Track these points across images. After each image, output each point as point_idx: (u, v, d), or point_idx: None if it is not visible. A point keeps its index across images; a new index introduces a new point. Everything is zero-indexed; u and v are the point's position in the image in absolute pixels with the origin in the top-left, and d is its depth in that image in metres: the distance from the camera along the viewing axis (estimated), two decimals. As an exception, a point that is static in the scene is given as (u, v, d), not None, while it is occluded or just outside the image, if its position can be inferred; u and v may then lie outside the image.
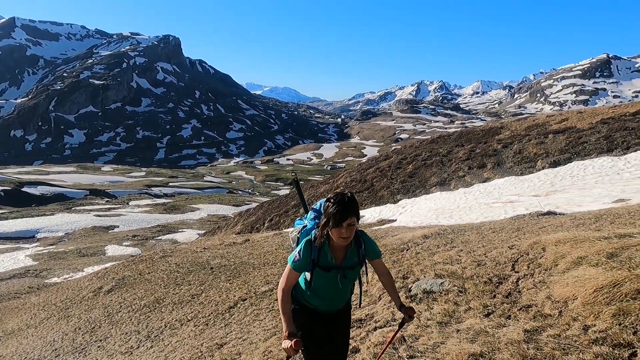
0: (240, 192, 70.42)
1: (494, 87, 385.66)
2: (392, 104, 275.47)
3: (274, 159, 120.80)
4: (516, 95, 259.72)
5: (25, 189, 54.68)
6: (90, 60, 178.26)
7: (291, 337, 2.35)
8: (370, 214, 17.48)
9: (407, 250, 7.35)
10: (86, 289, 12.30)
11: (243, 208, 43.70)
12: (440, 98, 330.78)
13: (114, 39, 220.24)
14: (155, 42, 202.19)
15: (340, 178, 27.47)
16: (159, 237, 33.26)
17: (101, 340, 8.11)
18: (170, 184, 71.26)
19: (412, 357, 3.38)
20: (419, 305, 4.63)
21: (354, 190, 23.01)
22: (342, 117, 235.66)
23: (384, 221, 15.60)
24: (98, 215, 42.39)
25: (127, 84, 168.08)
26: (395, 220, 15.13)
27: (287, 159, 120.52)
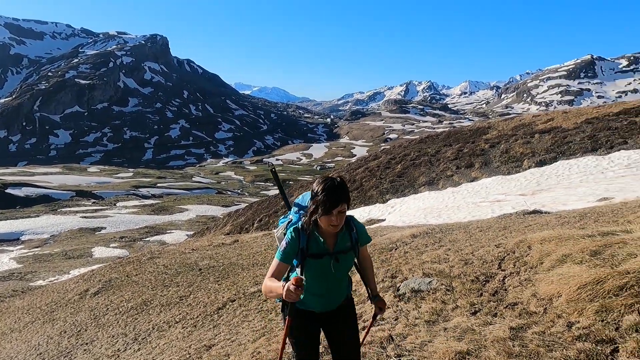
0: (229, 192, 70.05)
1: (481, 87, 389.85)
2: (381, 104, 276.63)
3: (264, 159, 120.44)
4: (503, 96, 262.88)
5: (9, 191, 53.64)
6: (76, 60, 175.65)
7: (288, 285, 2.03)
8: (360, 214, 17.53)
9: (395, 249, 7.39)
10: (72, 292, 12.11)
11: (232, 209, 43.47)
12: (429, 98, 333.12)
13: (100, 38, 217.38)
14: (143, 42, 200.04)
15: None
16: (147, 239, 32.92)
17: (87, 344, 7.99)
18: (159, 184, 70.56)
19: (400, 356, 3.39)
20: (407, 304, 4.65)
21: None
22: (332, 117, 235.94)
23: (373, 221, 15.66)
24: (85, 217, 41.80)
25: (113, 84, 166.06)
26: (384, 220, 15.20)
27: (277, 159, 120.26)
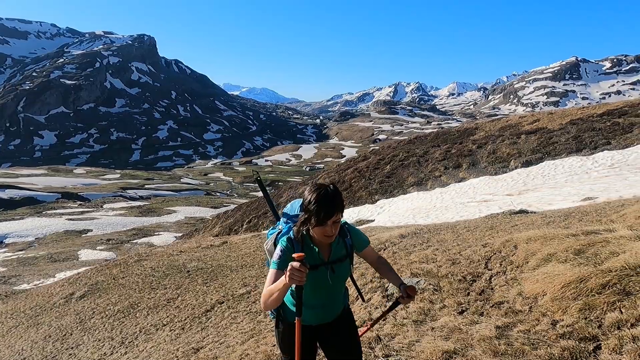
0: (218, 193, 69.63)
1: (469, 88, 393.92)
2: (370, 105, 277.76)
3: (253, 160, 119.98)
4: (490, 97, 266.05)
5: (-8, 193, 52.59)
6: (62, 60, 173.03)
7: (290, 266, 1.92)
8: (349, 215, 17.57)
9: (384, 249, 7.41)
10: (57, 295, 11.91)
11: (221, 210, 43.21)
12: (417, 99, 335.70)
13: (87, 38, 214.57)
14: (130, 42, 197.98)
15: (320, 179, 27.51)
16: (135, 241, 32.53)
17: (73, 348, 7.87)
18: (146, 186, 69.83)
19: (388, 356, 3.40)
20: (395, 304, 4.67)
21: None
22: (321, 118, 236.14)
23: (362, 221, 15.70)
24: (70, 219, 41.16)
25: (100, 84, 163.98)
26: (373, 221, 15.26)
27: (266, 160, 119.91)
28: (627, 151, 16.02)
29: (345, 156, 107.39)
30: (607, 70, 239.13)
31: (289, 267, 1.90)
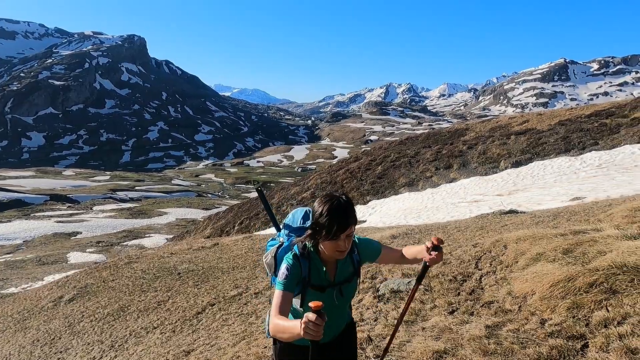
0: (209, 195, 69.28)
1: (459, 89, 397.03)
2: (361, 106, 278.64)
3: (244, 161, 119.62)
4: (480, 98, 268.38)
5: (-21, 195, 51.77)
6: (50, 60, 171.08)
7: (305, 318, 1.59)
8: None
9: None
10: (45, 299, 11.76)
11: (213, 211, 42.99)
12: (408, 100, 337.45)
13: (75, 38, 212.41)
14: (120, 42, 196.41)
15: (311, 180, 27.50)
16: (125, 243, 32.23)
17: (61, 352, 7.77)
18: (137, 187, 69.25)
19: (378, 356, 3.41)
20: (387, 305, 4.68)
21: (324, 192, 23.10)
22: (313, 119, 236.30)
23: (354, 222, 15.69)
24: (59, 222, 40.66)
25: (89, 85, 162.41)
26: (365, 221, 15.29)
27: (258, 161, 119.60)
28: (614, 151, 16.25)
29: (337, 157, 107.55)
30: (595, 72, 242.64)
31: (304, 319, 1.58)
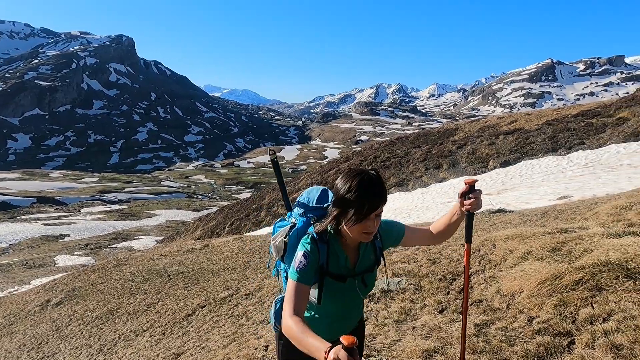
0: (199, 196, 68.84)
1: (448, 90, 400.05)
2: (352, 107, 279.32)
3: (235, 162, 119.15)
4: (470, 98, 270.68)
5: (-37, 198, 50.80)
6: (36, 61, 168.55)
7: (335, 347, 1.31)
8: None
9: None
10: (32, 303, 11.58)
11: (203, 213, 42.74)
12: (398, 100, 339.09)
13: (62, 38, 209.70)
14: (107, 42, 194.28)
15: (302, 180, 27.49)
16: (114, 245, 31.88)
17: (49, 357, 7.66)
18: (126, 189, 68.53)
19: (369, 356, 3.42)
20: (377, 304, 4.69)
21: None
22: (303, 119, 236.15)
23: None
24: (46, 224, 40.07)
25: (77, 86, 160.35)
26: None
27: (248, 162, 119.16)
28: (600, 151, 16.51)
29: (327, 157, 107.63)
30: (581, 72, 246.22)
31: (332, 355, 1.26)
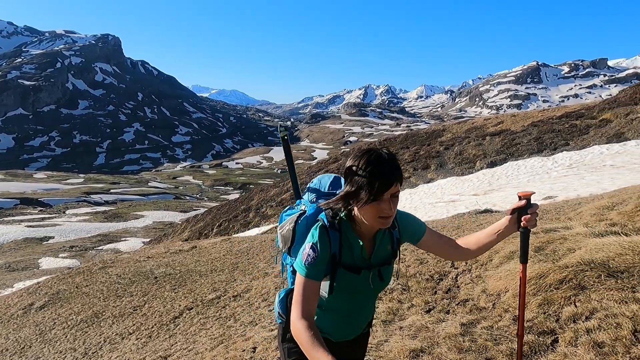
0: (187, 197, 68.31)
1: (436, 91, 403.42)
2: (340, 107, 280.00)
3: (223, 163, 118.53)
4: (457, 100, 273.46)
5: (-57, 200, 49.68)
6: (19, 60, 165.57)
7: None
8: (320, 217, 17.61)
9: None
10: (15, 307, 11.34)
11: (191, 214, 42.40)
12: (387, 102, 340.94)
13: (46, 37, 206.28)
14: (93, 42, 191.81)
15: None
16: (100, 247, 31.46)
17: (32, 361, 7.52)
18: (112, 190, 67.69)
19: None
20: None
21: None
22: (292, 120, 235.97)
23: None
24: (30, 226, 39.35)
25: (61, 85, 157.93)
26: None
27: (237, 163, 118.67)
28: (584, 152, 16.81)
29: (316, 158, 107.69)
30: (566, 75, 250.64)
31: None
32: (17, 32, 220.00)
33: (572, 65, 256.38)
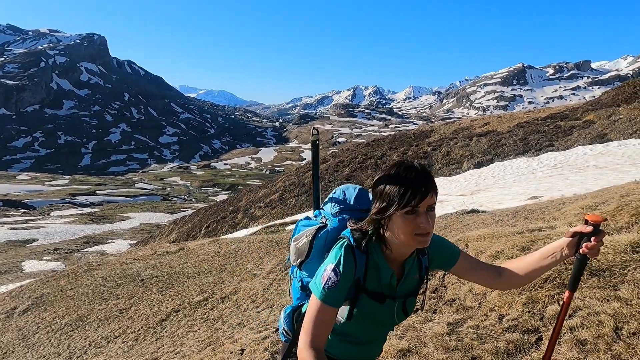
0: (175, 198, 67.71)
1: (424, 92, 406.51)
2: (329, 108, 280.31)
3: (211, 164, 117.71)
4: (445, 101, 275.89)
5: None
6: (2, 59, 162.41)
7: None
8: (309, 217, 17.60)
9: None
10: (-3, 311, 11.11)
11: (178, 215, 42.02)
12: (375, 102, 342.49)
13: (30, 35, 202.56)
14: (78, 41, 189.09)
15: (279, 182, 27.37)
16: (85, 250, 30.99)
17: (15, 366, 7.38)
18: (98, 192, 66.77)
19: (344, 357, 3.43)
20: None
21: (292, 194, 23.08)
22: (280, 120, 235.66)
23: (322, 224, 15.74)
24: (13, 228, 38.59)
25: (46, 85, 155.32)
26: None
27: (225, 164, 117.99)
28: (568, 152, 17.10)
29: (305, 159, 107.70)
30: (550, 77, 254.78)
31: None
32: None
33: (557, 67, 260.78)
